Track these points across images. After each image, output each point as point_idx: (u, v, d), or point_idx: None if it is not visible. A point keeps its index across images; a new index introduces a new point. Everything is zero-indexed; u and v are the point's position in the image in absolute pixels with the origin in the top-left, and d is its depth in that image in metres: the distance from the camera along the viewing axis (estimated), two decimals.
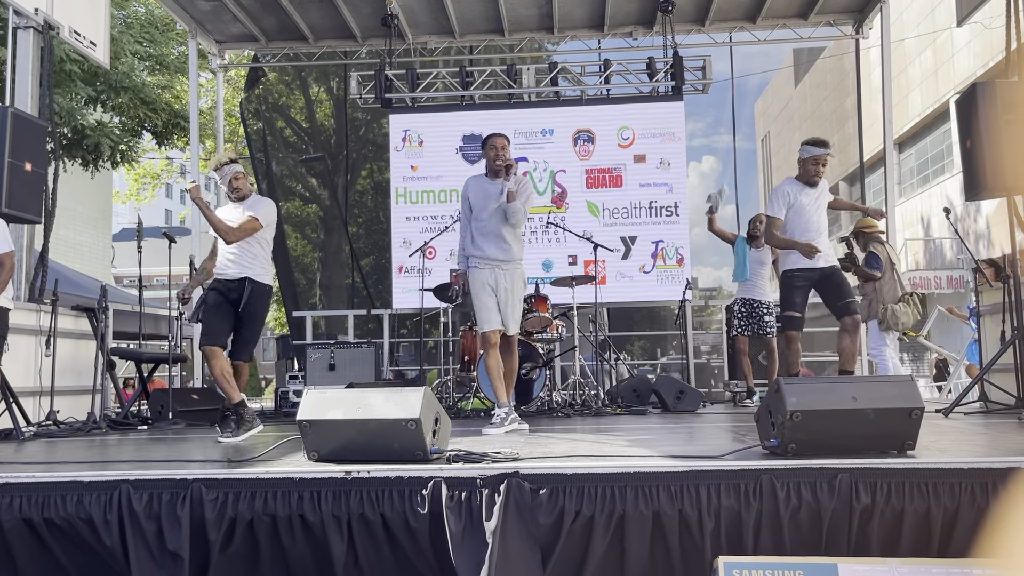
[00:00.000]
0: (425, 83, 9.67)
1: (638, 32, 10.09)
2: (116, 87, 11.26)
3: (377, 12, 9.35)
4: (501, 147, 5.01)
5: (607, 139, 9.55)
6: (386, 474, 2.95)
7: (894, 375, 6.50)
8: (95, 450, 4.41)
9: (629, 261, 9.40)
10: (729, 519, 2.85)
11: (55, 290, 6.23)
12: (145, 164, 18.77)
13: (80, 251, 21.19)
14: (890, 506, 2.84)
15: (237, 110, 16.30)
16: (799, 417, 3.03)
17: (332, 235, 14.62)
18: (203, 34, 9.96)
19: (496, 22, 9.83)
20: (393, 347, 10.44)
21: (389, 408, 3.15)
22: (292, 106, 17.21)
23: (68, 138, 11.25)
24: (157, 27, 12.56)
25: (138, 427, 6.11)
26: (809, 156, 5.60)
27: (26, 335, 6.06)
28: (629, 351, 17.09)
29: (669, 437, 4.38)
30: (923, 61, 18.99)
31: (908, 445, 3.09)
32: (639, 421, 5.68)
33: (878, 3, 9.29)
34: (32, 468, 3.27)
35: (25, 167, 5.97)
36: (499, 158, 4.97)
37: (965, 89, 5.86)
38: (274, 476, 3.00)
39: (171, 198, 48.28)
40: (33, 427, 5.61)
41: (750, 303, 7.40)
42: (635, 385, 7.30)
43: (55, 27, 6.89)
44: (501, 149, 5.00)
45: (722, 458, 3.07)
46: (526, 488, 2.87)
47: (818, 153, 5.54)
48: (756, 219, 7.55)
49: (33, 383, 6.03)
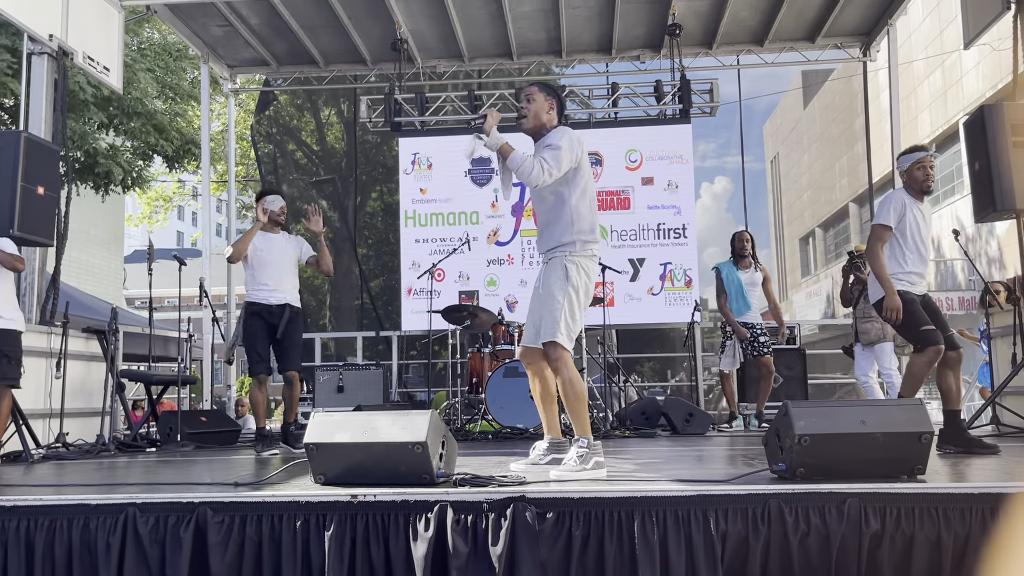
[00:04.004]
0: (434, 107, 9.74)
1: (646, 55, 10.15)
2: (129, 112, 11.39)
3: (387, 37, 9.45)
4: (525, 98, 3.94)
5: (615, 162, 9.58)
6: (392, 498, 2.94)
7: (904, 399, 6.45)
8: (103, 473, 4.42)
9: (637, 283, 9.40)
10: (737, 544, 2.82)
11: (66, 312, 6.27)
12: (157, 187, 18.95)
13: (93, 273, 21.32)
14: (900, 532, 2.81)
15: (248, 133, 16.46)
16: (807, 441, 3.01)
17: (342, 257, 14.66)
18: (215, 59, 10.07)
19: (505, 46, 9.91)
20: (402, 369, 10.45)
21: (395, 431, 3.14)
22: (303, 129, 17.35)
23: (81, 162, 11.36)
24: (170, 53, 12.71)
25: (147, 449, 6.12)
26: (913, 162, 4.75)
27: (37, 357, 6.09)
28: (639, 372, 17.05)
29: (678, 460, 4.35)
30: (932, 82, 19.01)
31: (918, 469, 3.07)
32: (648, 444, 5.65)
33: (885, 26, 9.32)
34: (40, 491, 3.28)
35: (38, 191, 6.03)
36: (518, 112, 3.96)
37: (973, 111, 5.87)
38: (280, 499, 3.00)
39: (183, 220, 48.60)
40: (42, 449, 5.63)
41: (744, 326, 7.15)
42: (644, 408, 7.27)
43: (69, 53, 6.99)
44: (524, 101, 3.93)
45: (730, 482, 3.05)
46: (533, 512, 2.86)
47: (921, 156, 4.74)
48: (743, 237, 7.31)
49: (43, 405, 6.05)
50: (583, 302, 3.70)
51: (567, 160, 3.68)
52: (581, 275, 3.68)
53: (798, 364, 8.57)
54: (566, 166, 3.69)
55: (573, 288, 3.65)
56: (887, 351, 7.06)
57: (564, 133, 3.76)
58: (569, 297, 3.63)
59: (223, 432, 6.97)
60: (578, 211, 3.70)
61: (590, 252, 3.73)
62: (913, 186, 4.75)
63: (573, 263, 3.67)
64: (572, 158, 3.70)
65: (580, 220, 3.70)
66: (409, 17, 9.19)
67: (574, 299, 3.64)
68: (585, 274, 3.70)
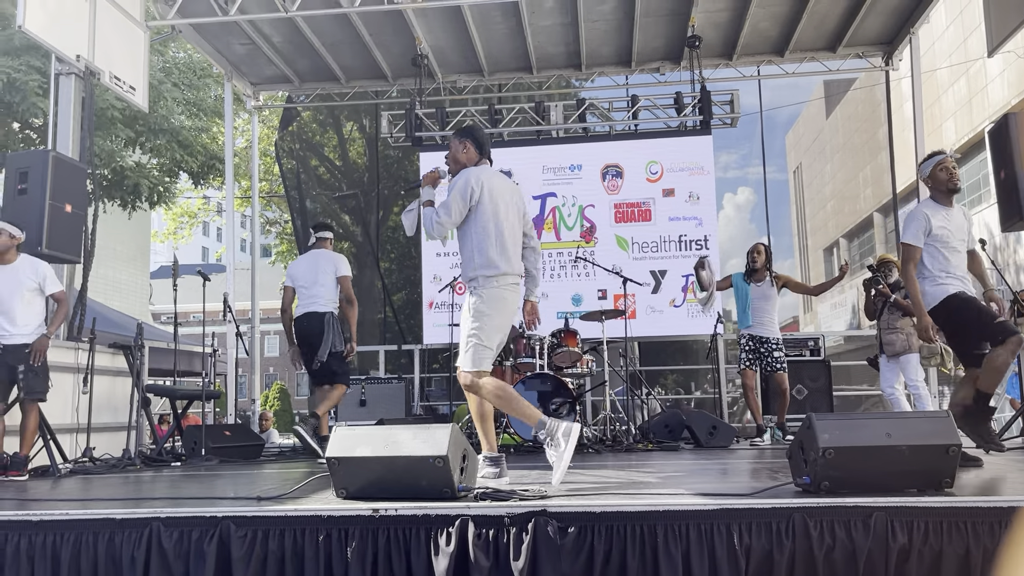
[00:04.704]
0: (454, 121, 9.80)
1: (665, 67, 10.15)
2: (155, 130, 11.56)
3: (407, 52, 9.53)
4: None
5: (635, 174, 9.57)
6: (413, 512, 2.94)
7: (931, 411, 6.35)
8: (129, 487, 4.46)
9: (659, 295, 9.36)
10: (761, 559, 2.79)
11: (93, 328, 6.35)
12: (182, 203, 19.19)
13: (119, 289, 21.61)
14: (928, 546, 2.76)
15: (272, 149, 16.65)
16: (832, 454, 2.97)
17: (364, 271, 14.76)
18: (239, 77, 10.20)
19: (524, 60, 9.96)
20: (424, 382, 10.47)
21: (417, 445, 3.15)
22: (325, 144, 17.52)
23: (108, 179, 11.54)
24: (195, 71, 12.91)
25: (172, 463, 6.17)
26: (934, 165, 4.75)
27: (65, 372, 6.17)
28: (662, 384, 16.95)
29: (701, 474, 4.32)
30: (956, 91, 18.82)
31: (946, 483, 3.02)
32: (671, 457, 5.61)
33: (907, 35, 9.26)
34: (67, 505, 3.32)
35: (65, 208, 6.13)
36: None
37: (997, 119, 5.81)
38: (302, 514, 3.01)
39: (208, 236, 49.12)
40: (70, 464, 5.69)
41: (757, 339, 7.06)
42: (667, 420, 7.22)
43: (96, 73, 7.11)
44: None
45: (753, 496, 3.02)
46: (554, 526, 2.84)
47: (940, 158, 4.74)
48: (755, 249, 7.22)
49: (71, 420, 6.13)
50: (492, 329, 3.93)
51: (457, 207, 3.96)
52: (486, 307, 3.93)
53: (823, 376, 8.48)
54: (456, 213, 3.97)
55: (477, 319, 3.91)
56: (913, 363, 6.94)
57: (461, 177, 4.03)
58: (476, 328, 3.90)
59: (247, 446, 7.01)
60: (479, 248, 3.96)
61: (494, 284, 3.95)
62: (939, 188, 4.74)
63: (477, 295, 3.95)
64: (464, 202, 3.96)
65: (480, 256, 3.95)
66: (429, 33, 9.26)
67: (481, 328, 3.90)
68: (493, 305, 3.94)
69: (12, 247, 5.40)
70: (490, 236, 3.95)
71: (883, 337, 6.99)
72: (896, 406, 6.88)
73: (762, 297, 7.08)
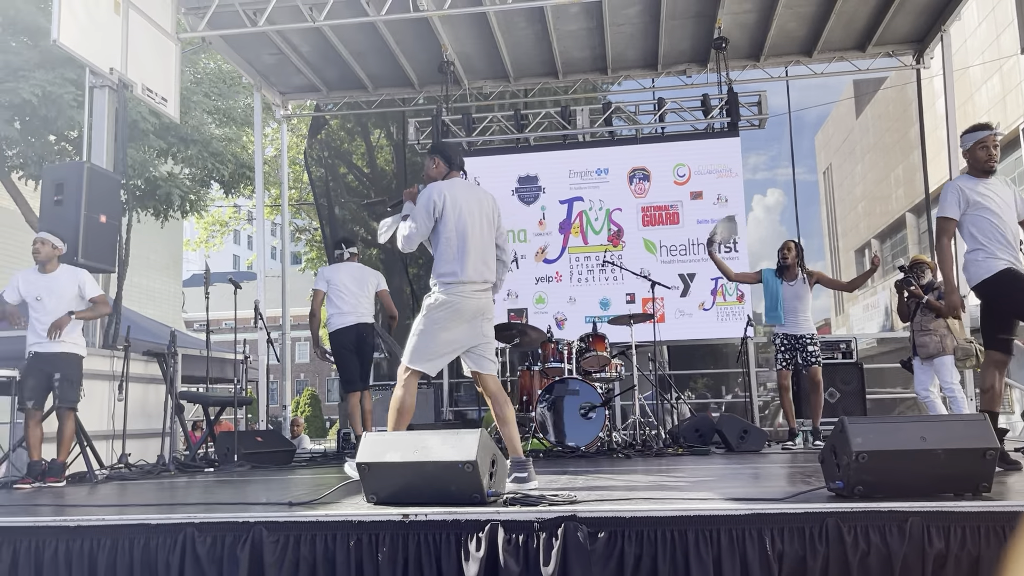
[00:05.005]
0: (481, 127, 9.84)
1: (692, 70, 10.11)
2: (186, 140, 11.73)
3: (433, 60, 9.58)
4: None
5: (663, 177, 9.53)
6: (443, 517, 2.95)
7: (967, 413, 6.24)
8: (163, 493, 4.52)
9: (688, 298, 9.30)
10: (794, 564, 2.76)
11: (127, 336, 6.46)
12: (213, 212, 19.42)
13: (153, 297, 21.91)
14: (966, 552, 2.71)
15: (301, 158, 16.79)
16: (865, 458, 2.94)
17: (393, 277, 14.82)
18: (267, 86, 10.33)
19: (550, 65, 9.97)
20: (453, 388, 10.49)
21: (446, 450, 3.16)
22: (354, 152, 17.64)
23: (141, 189, 11.71)
24: (225, 81, 13.07)
25: (205, 469, 6.25)
26: (976, 142, 4.59)
27: (100, 380, 6.28)
28: (693, 388, 16.83)
29: (732, 478, 4.28)
30: (990, 88, 18.52)
31: (983, 487, 2.97)
32: (701, 462, 5.57)
33: (939, 32, 9.13)
34: (103, 511, 3.37)
35: (100, 219, 6.24)
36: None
37: None
38: (333, 519, 3.03)
39: (239, 244, 49.65)
40: (106, 470, 5.79)
41: (791, 337, 6.96)
42: (697, 425, 7.17)
43: (129, 85, 7.24)
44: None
45: (785, 501, 2.99)
46: (584, 532, 2.84)
47: (984, 135, 4.58)
48: (785, 247, 7.09)
49: (107, 427, 6.22)
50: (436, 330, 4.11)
51: (422, 220, 4.15)
52: (436, 310, 4.11)
53: (855, 379, 8.37)
54: (422, 226, 4.16)
55: (425, 320, 4.13)
56: (947, 365, 6.82)
57: (425, 192, 4.22)
58: (421, 328, 4.12)
59: (279, 452, 7.07)
60: (442, 256, 4.16)
61: (450, 292, 4.12)
62: (976, 166, 4.64)
63: (433, 298, 4.15)
64: (427, 215, 4.15)
65: (441, 264, 4.16)
66: (455, 40, 9.31)
67: (425, 329, 4.11)
68: (445, 309, 4.11)
69: (54, 257, 5.51)
70: (451, 246, 4.13)
71: (916, 339, 6.89)
72: (931, 409, 6.77)
73: (795, 297, 6.99)
